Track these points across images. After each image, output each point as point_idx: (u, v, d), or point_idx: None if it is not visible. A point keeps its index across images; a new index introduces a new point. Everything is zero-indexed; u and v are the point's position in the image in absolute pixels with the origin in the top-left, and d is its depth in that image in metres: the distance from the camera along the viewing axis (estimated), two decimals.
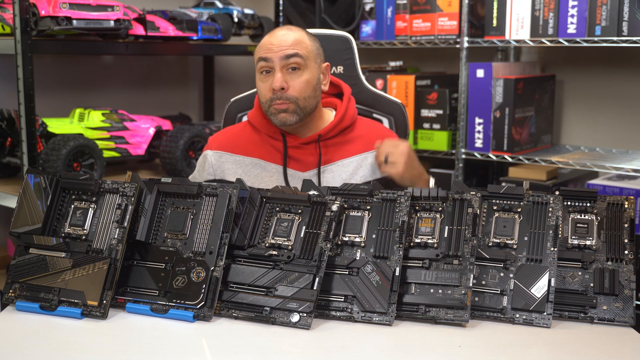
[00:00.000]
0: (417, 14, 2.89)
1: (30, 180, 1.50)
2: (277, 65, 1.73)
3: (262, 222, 1.45)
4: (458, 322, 1.33)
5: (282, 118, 1.75)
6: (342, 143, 1.85)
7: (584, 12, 2.46)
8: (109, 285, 1.37)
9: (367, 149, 1.85)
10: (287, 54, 1.73)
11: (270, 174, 1.82)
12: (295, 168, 1.82)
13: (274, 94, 1.73)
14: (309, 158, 1.82)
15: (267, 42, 1.76)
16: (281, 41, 1.74)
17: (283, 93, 1.73)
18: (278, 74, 1.73)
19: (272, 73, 1.74)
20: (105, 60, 3.27)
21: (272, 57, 1.73)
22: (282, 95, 1.73)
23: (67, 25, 2.37)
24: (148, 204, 1.45)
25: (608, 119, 2.86)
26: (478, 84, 2.72)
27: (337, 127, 1.83)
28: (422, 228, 1.42)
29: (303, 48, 1.75)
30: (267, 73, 1.75)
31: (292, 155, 1.82)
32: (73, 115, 2.73)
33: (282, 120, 1.75)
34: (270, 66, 1.74)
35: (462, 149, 2.79)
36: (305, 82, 1.75)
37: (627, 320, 1.35)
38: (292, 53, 1.73)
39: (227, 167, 1.85)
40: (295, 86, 1.74)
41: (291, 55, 1.73)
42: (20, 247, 1.45)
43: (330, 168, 1.82)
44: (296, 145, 1.82)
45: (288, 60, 1.73)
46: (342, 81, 1.95)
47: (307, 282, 1.34)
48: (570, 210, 1.46)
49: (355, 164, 1.84)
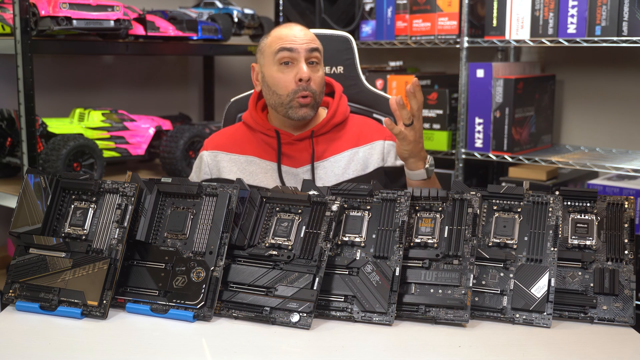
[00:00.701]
0: (417, 14, 2.89)
1: (30, 180, 1.50)
2: (302, 57, 1.75)
3: (262, 222, 1.45)
4: (458, 322, 1.33)
5: (304, 113, 1.77)
6: (334, 139, 1.86)
7: (584, 12, 2.46)
8: (109, 285, 1.37)
9: (357, 144, 1.87)
10: (311, 47, 1.77)
11: (265, 170, 1.83)
12: (289, 164, 1.83)
13: (298, 85, 1.75)
14: (302, 154, 1.83)
15: (289, 34, 1.77)
16: (304, 35, 1.78)
17: (308, 85, 1.75)
18: (303, 64, 1.75)
19: (294, 65, 1.76)
20: (105, 60, 3.27)
21: (297, 48, 1.75)
22: (308, 86, 1.75)
23: (67, 25, 2.37)
24: (148, 204, 1.45)
25: (608, 119, 2.86)
26: (478, 84, 2.72)
27: (329, 123, 1.85)
28: (422, 228, 1.42)
29: (319, 45, 1.81)
30: (287, 65, 1.76)
31: (285, 152, 1.83)
32: (73, 115, 2.73)
33: (303, 115, 1.78)
34: (294, 57, 1.75)
35: (462, 149, 2.79)
36: (321, 78, 1.80)
37: (627, 320, 1.35)
38: (315, 47, 1.78)
39: (223, 165, 1.87)
40: (316, 80, 1.78)
41: (314, 49, 1.77)
42: (20, 247, 1.45)
43: (322, 164, 1.83)
44: (289, 141, 1.83)
45: (311, 53, 1.77)
46: (334, 80, 1.96)
47: (307, 282, 1.34)
48: (570, 210, 1.46)
49: (346, 159, 1.84)
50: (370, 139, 1.88)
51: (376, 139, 1.88)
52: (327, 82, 1.95)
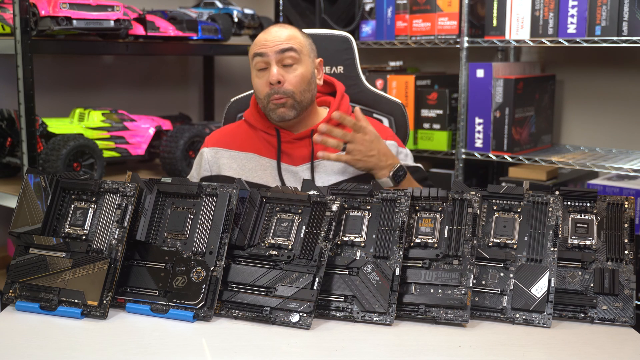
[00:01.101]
0: (417, 14, 2.89)
1: (30, 180, 1.50)
2: (273, 60, 1.76)
3: (262, 222, 1.45)
4: (458, 322, 1.33)
5: (280, 113, 1.77)
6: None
7: (584, 12, 2.46)
8: (109, 285, 1.37)
9: None
10: (281, 48, 1.76)
11: (264, 167, 1.84)
12: (288, 162, 1.84)
13: (270, 88, 1.76)
14: (301, 153, 1.84)
15: (262, 38, 1.79)
16: (275, 37, 1.77)
17: (280, 87, 1.76)
18: (274, 68, 1.75)
19: (267, 69, 1.77)
20: (105, 60, 3.27)
21: (267, 52, 1.76)
22: (279, 89, 1.75)
23: (67, 25, 2.37)
24: (148, 204, 1.45)
25: (608, 119, 2.86)
26: (478, 84, 2.72)
27: (329, 122, 1.84)
28: (422, 228, 1.42)
29: (297, 43, 1.78)
30: (263, 70, 1.78)
31: (284, 150, 1.84)
32: (73, 115, 2.73)
33: (280, 116, 1.78)
34: (265, 61, 1.77)
35: (462, 149, 2.79)
36: (300, 76, 1.77)
37: (627, 320, 1.35)
38: (287, 47, 1.76)
39: (223, 162, 1.88)
40: (291, 80, 1.77)
41: (286, 50, 1.76)
42: (20, 247, 1.45)
43: (322, 163, 1.84)
44: (289, 140, 1.84)
45: (283, 54, 1.76)
46: (336, 79, 1.96)
47: (307, 282, 1.34)
48: (570, 210, 1.46)
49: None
50: None
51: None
52: (329, 82, 1.95)
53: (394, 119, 2.07)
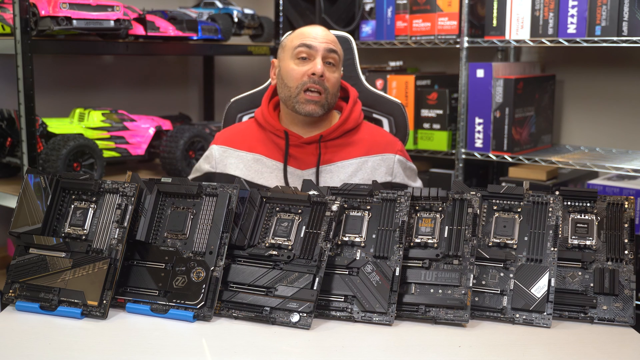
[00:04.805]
0: (417, 14, 2.89)
1: (30, 180, 1.50)
2: (319, 55, 1.80)
3: (262, 222, 1.45)
4: (458, 322, 1.33)
5: (311, 109, 1.80)
6: (344, 145, 1.86)
7: (584, 12, 2.46)
8: (109, 285, 1.37)
9: (368, 153, 1.87)
10: (330, 47, 1.82)
11: (271, 170, 1.84)
12: (295, 166, 1.84)
13: (309, 78, 1.79)
14: (309, 157, 1.84)
15: (310, 32, 1.83)
16: (324, 35, 1.83)
17: (320, 80, 1.79)
18: (319, 60, 1.80)
19: (309, 60, 1.81)
20: (105, 60, 3.27)
21: (316, 45, 1.80)
22: (319, 81, 1.79)
23: (67, 25, 2.37)
24: (148, 204, 1.45)
25: (608, 119, 2.86)
26: (478, 84, 2.72)
27: (340, 128, 1.85)
28: (422, 228, 1.42)
29: (339, 49, 1.86)
30: (304, 59, 1.81)
31: (292, 154, 1.84)
32: (73, 115, 2.73)
33: (310, 111, 1.80)
34: (311, 54, 1.81)
35: (462, 149, 2.79)
36: (337, 79, 1.84)
37: (627, 320, 1.35)
38: (334, 49, 1.83)
39: (230, 161, 1.89)
40: (330, 79, 1.82)
41: (332, 51, 1.82)
42: (20, 247, 1.45)
43: (329, 168, 1.83)
44: (298, 144, 1.84)
45: (329, 54, 1.82)
46: (350, 85, 1.97)
47: (307, 282, 1.34)
48: (570, 210, 1.46)
49: (354, 167, 1.84)
50: (382, 150, 1.88)
51: (388, 151, 1.89)
52: (343, 86, 1.97)
53: (394, 119, 2.07)
